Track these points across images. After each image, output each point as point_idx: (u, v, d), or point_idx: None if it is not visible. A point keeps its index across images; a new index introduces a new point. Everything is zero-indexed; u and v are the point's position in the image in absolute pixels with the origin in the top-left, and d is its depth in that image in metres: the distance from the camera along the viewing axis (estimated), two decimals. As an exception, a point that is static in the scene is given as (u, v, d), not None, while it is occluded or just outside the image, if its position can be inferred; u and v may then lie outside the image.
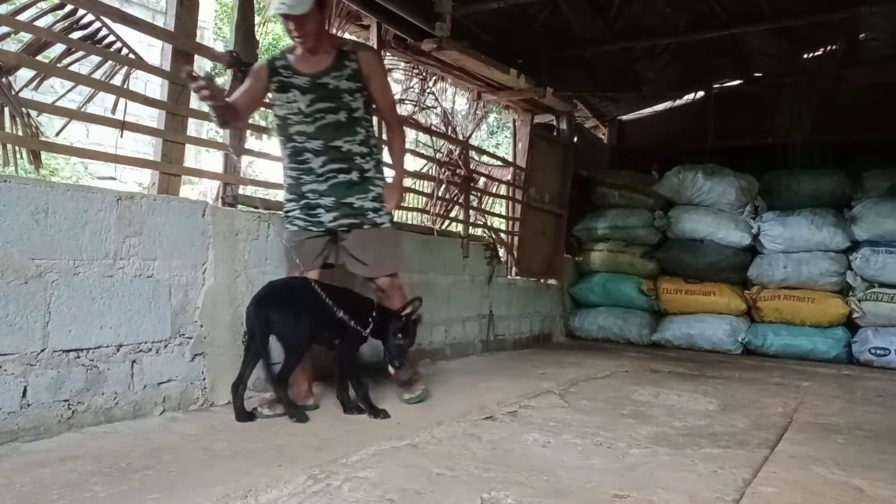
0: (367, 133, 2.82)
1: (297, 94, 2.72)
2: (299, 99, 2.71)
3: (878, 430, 2.91)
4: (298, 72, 2.73)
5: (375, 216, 2.85)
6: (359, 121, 2.78)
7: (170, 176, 2.92)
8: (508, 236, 5.94)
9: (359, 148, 2.78)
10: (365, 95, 2.80)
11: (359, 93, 2.76)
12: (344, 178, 2.78)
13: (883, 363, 5.33)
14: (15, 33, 2.51)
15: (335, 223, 2.82)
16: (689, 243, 6.26)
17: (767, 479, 2.08)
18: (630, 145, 7.91)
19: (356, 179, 2.80)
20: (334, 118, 2.72)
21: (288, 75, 2.73)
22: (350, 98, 2.74)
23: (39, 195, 2.22)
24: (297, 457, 2.10)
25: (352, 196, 2.80)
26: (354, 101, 2.75)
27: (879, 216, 5.54)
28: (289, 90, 2.73)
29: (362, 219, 2.83)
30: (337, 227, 2.82)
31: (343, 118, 2.73)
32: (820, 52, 6.49)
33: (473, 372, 4.15)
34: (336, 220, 2.81)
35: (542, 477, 2.01)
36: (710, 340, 5.94)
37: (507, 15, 5.30)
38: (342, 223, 2.82)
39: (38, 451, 2.06)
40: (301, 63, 2.74)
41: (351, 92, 2.74)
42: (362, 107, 2.79)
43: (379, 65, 2.94)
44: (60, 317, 2.28)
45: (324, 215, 2.81)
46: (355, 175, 2.79)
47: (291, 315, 2.56)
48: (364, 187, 2.82)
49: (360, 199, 2.81)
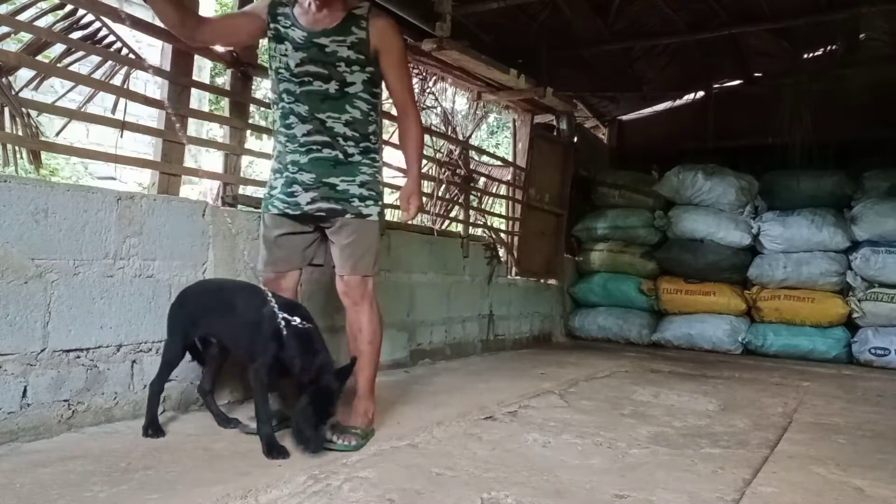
0: (362, 116, 2.38)
1: (290, 49, 2.34)
2: (290, 54, 2.34)
3: (878, 430, 2.91)
4: (298, 24, 2.35)
5: (362, 205, 2.39)
6: (351, 98, 2.35)
7: (170, 176, 2.92)
8: (508, 236, 5.94)
9: (344, 129, 2.35)
10: (368, 72, 2.37)
11: (358, 66, 2.34)
12: (328, 153, 2.35)
13: (883, 363, 5.33)
14: (15, 33, 2.51)
15: (312, 206, 2.37)
16: (689, 243, 6.26)
17: (767, 479, 2.08)
18: (630, 145, 7.91)
19: (342, 159, 2.37)
20: (322, 87, 2.32)
21: (286, 24, 2.36)
22: (346, 69, 2.33)
23: (39, 195, 2.22)
24: (297, 457, 2.09)
25: (335, 176, 2.36)
26: (350, 73, 2.33)
27: (879, 216, 5.55)
28: (283, 41, 2.36)
29: (345, 205, 2.37)
30: (314, 210, 2.38)
31: (333, 90, 2.33)
32: (820, 52, 6.48)
33: (473, 372, 4.15)
34: (313, 202, 2.37)
35: (542, 477, 2.01)
36: (710, 340, 5.95)
37: (507, 15, 5.30)
38: (320, 207, 2.37)
39: (38, 451, 2.06)
40: (304, 16, 2.36)
41: (349, 63, 2.33)
42: (361, 84, 2.36)
43: (395, 39, 2.41)
44: (60, 317, 2.28)
45: (301, 195, 2.37)
46: (340, 154, 2.37)
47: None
48: (351, 169, 2.38)
49: (345, 181, 2.36)
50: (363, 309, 2.45)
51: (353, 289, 2.43)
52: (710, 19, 5.68)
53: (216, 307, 2.33)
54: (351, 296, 2.45)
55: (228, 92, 3.26)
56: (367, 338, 2.44)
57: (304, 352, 2.10)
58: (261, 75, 3.59)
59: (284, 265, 2.49)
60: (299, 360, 2.09)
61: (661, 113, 7.75)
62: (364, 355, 2.42)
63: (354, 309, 2.46)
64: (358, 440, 2.26)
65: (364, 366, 2.43)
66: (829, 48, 6.36)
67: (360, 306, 2.45)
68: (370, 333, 2.45)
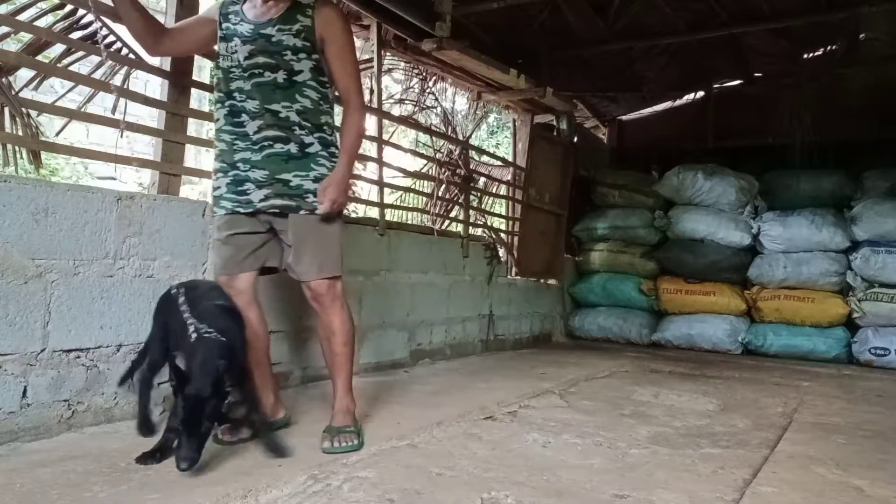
0: (312, 105, 2.32)
1: (238, 44, 2.31)
2: (239, 49, 2.30)
3: (878, 430, 2.91)
4: (245, 18, 2.34)
5: (315, 200, 2.30)
6: (300, 86, 2.30)
7: (170, 176, 2.92)
8: (508, 236, 5.94)
9: (297, 118, 2.29)
10: (314, 60, 2.32)
11: (305, 53, 2.30)
12: (281, 148, 2.28)
13: (883, 363, 5.32)
14: (15, 33, 2.51)
15: (266, 203, 2.29)
16: (689, 243, 6.26)
17: (767, 479, 2.08)
18: (630, 145, 7.91)
19: (295, 153, 2.30)
20: (271, 76, 2.28)
21: (235, 21, 2.35)
22: (293, 57, 2.29)
23: (39, 195, 2.22)
24: (297, 457, 2.09)
25: (288, 172, 2.28)
26: (298, 62, 2.29)
27: (879, 216, 5.55)
28: (232, 38, 2.33)
29: (299, 201, 2.29)
30: (268, 207, 2.30)
31: (281, 79, 2.28)
32: (820, 52, 6.48)
33: (473, 372, 4.15)
34: (267, 199, 2.29)
35: (542, 477, 2.01)
36: (710, 340, 5.95)
37: (507, 15, 5.30)
38: (274, 203, 2.29)
39: (38, 451, 2.06)
40: (251, 9, 2.35)
41: (295, 51, 2.29)
42: (308, 71, 2.31)
43: (338, 25, 2.35)
44: (60, 317, 2.28)
45: (253, 192, 2.30)
46: (294, 147, 2.30)
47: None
48: (305, 163, 2.31)
49: (298, 176, 2.29)
50: (335, 311, 2.38)
51: (322, 294, 2.35)
52: (710, 19, 5.68)
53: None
54: (320, 300, 2.36)
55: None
56: (341, 339, 2.39)
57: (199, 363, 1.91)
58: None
59: (235, 267, 2.36)
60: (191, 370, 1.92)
61: (661, 113, 7.75)
62: (340, 356, 2.39)
63: (325, 313, 2.39)
64: (358, 438, 2.26)
65: (341, 367, 2.40)
66: (829, 48, 6.36)
67: (331, 309, 2.37)
68: (344, 335, 2.39)
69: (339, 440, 2.23)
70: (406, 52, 4.84)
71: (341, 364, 2.40)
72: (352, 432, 2.28)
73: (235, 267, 2.36)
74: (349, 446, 2.21)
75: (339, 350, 2.39)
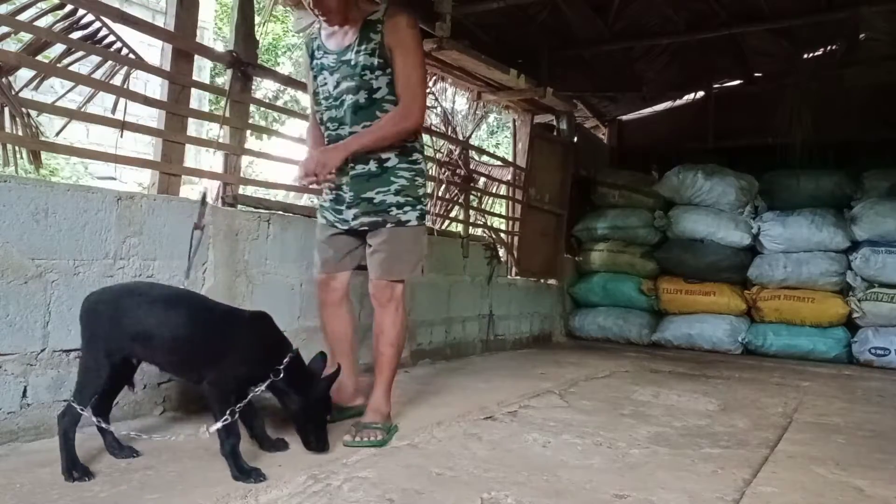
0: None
1: (327, 76, 2.42)
2: (328, 80, 2.42)
3: (878, 430, 2.91)
4: (328, 50, 2.44)
5: (400, 213, 2.43)
6: (379, 103, 2.37)
7: (170, 176, 2.92)
8: (508, 236, 5.94)
9: None
10: (389, 74, 2.36)
11: (380, 70, 2.35)
12: (362, 168, 2.40)
13: (883, 363, 5.33)
14: (15, 33, 2.51)
15: (356, 221, 2.46)
16: (689, 243, 6.26)
17: (767, 479, 2.08)
18: (630, 145, 7.91)
19: (375, 170, 2.40)
20: (353, 99, 2.37)
21: (321, 56, 2.45)
22: (371, 76, 2.34)
23: (39, 195, 2.22)
24: (297, 457, 2.09)
25: (371, 190, 2.41)
26: (376, 79, 2.35)
27: (879, 216, 5.55)
28: (321, 72, 2.45)
29: (384, 216, 2.43)
30: (358, 225, 2.47)
31: (362, 99, 2.36)
32: (820, 52, 6.48)
33: (473, 372, 4.15)
34: (357, 217, 2.46)
35: (542, 477, 2.01)
36: (710, 340, 5.95)
37: (507, 15, 5.30)
38: (363, 221, 2.45)
39: (38, 451, 2.06)
40: (330, 40, 2.44)
41: (372, 69, 2.34)
42: (385, 87, 2.37)
43: (405, 33, 2.36)
44: (60, 317, 2.28)
45: (346, 212, 2.47)
46: (374, 165, 2.40)
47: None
48: (385, 179, 2.41)
49: (381, 192, 2.40)
50: (388, 311, 2.49)
51: (380, 291, 2.48)
52: (710, 19, 5.68)
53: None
54: (377, 298, 2.50)
55: (228, 92, 3.26)
56: (389, 340, 2.49)
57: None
58: (261, 75, 3.59)
59: (333, 267, 2.58)
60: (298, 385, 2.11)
61: (661, 113, 7.75)
62: (384, 357, 2.49)
63: (380, 311, 2.51)
64: (382, 435, 2.30)
65: (384, 367, 2.49)
66: (829, 48, 6.36)
67: (385, 308, 2.49)
68: (392, 336, 2.49)
69: (361, 435, 2.27)
70: (406, 52, 4.83)
71: (383, 364, 2.49)
72: (378, 429, 2.32)
73: (333, 267, 2.59)
74: (369, 441, 2.25)
75: (384, 350, 2.49)
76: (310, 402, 2.09)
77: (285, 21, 11.12)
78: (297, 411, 2.10)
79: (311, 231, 3.41)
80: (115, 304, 1.93)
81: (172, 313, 1.96)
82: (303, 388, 2.07)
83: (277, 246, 3.20)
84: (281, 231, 3.23)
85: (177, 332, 1.94)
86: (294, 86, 4.44)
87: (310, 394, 2.08)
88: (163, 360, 2.05)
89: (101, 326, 1.90)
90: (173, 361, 2.04)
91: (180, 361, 2.02)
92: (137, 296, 1.98)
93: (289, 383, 2.03)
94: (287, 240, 3.26)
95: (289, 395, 2.07)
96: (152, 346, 1.94)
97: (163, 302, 1.99)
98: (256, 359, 2.01)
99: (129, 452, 2.04)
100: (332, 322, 2.65)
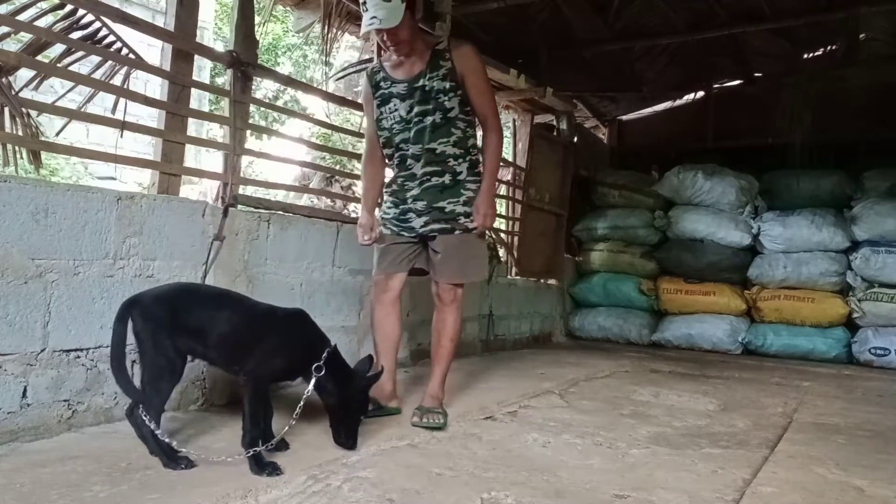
0: (462, 133, 2.70)
1: (398, 103, 2.67)
2: (399, 107, 2.67)
3: (878, 430, 2.91)
4: (396, 80, 2.67)
5: (467, 221, 2.70)
6: (453, 121, 2.66)
7: (170, 176, 2.92)
8: (508, 236, 5.94)
9: (452, 150, 2.66)
10: (460, 95, 2.66)
11: (453, 92, 2.64)
12: (437, 181, 2.67)
13: (883, 363, 5.33)
14: (15, 33, 2.51)
15: (426, 228, 2.70)
16: (689, 243, 6.27)
17: (767, 479, 2.08)
18: (630, 145, 7.92)
19: (448, 182, 2.68)
20: (430, 119, 2.63)
21: (387, 86, 2.69)
22: (445, 98, 2.63)
23: (39, 195, 2.22)
24: (297, 457, 2.09)
25: (443, 200, 2.68)
26: (449, 100, 2.63)
27: (879, 216, 5.55)
28: (390, 100, 2.69)
29: (453, 224, 2.69)
30: (428, 232, 2.71)
31: (438, 119, 2.63)
32: (820, 52, 6.49)
33: (473, 372, 4.15)
34: (426, 224, 2.70)
35: (542, 477, 2.01)
36: (710, 340, 5.95)
37: (507, 15, 5.30)
38: (432, 228, 2.70)
39: (38, 451, 2.06)
40: (397, 70, 2.69)
41: (445, 92, 2.62)
42: (457, 106, 2.66)
43: (475, 60, 2.68)
44: (60, 317, 2.27)
45: (415, 220, 2.71)
46: (448, 178, 2.68)
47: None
48: (456, 190, 2.69)
49: (451, 202, 2.68)
50: (451, 310, 2.76)
51: (447, 292, 2.75)
52: (710, 19, 5.69)
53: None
54: (443, 298, 2.76)
55: (228, 92, 3.26)
56: (450, 336, 2.77)
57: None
58: (261, 75, 3.59)
59: (392, 268, 2.79)
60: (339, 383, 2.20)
61: (661, 113, 7.76)
62: (443, 349, 2.78)
63: (443, 310, 2.76)
64: (443, 419, 2.60)
65: (442, 359, 2.78)
66: (829, 48, 6.37)
67: (449, 307, 2.76)
68: (453, 333, 2.78)
69: (428, 417, 2.57)
70: (406, 52, 4.83)
71: (443, 356, 2.79)
72: (439, 413, 2.63)
73: (392, 268, 2.79)
74: (436, 423, 2.55)
75: (445, 343, 2.78)
76: (347, 399, 2.18)
77: (285, 21, 11.12)
78: (334, 405, 2.19)
79: (311, 231, 3.43)
80: (173, 303, 2.07)
81: (222, 311, 2.12)
82: (341, 383, 2.17)
83: (277, 246, 3.20)
84: (281, 231, 3.23)
85: (226, 328, 2.09)
86: (294, 86, 4.44)
87: (348, 390, 2.18)
88: (213, 355, 2.17)
89: (166, 323, 2.02)
90: (221, 356, 2.16)
91: (227, 356, 2.14)
92: (190, 295, 2.18)
93: (327, 378, 2.13)
94: (287, 240, 3.26)
95: (327, 389, 2.15)
96: (205, 341, 2.08)
97: (212, 300, 2.18)
98: (293, 354, 2.14)
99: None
100: (384, 321, 2.83)
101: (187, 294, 2.18)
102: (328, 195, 7.13)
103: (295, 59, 13.06)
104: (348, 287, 3.69)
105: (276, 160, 3.85)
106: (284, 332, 2.16)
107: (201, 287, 2.38)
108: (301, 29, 4.50)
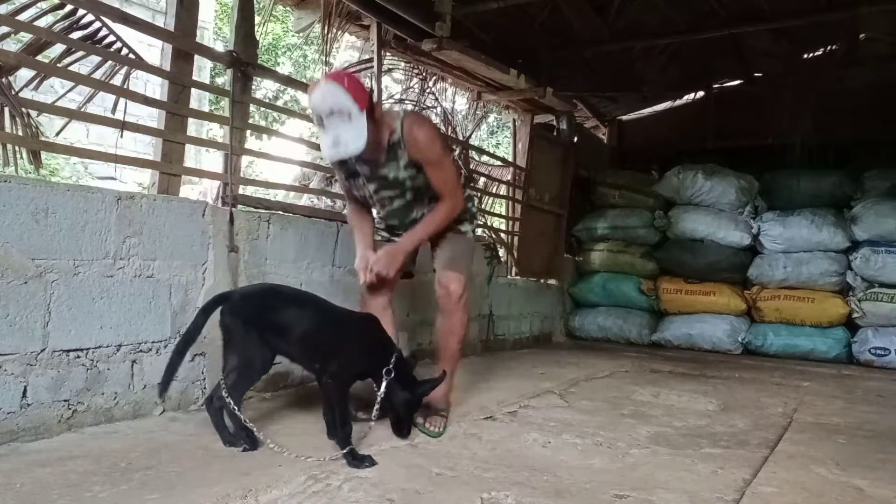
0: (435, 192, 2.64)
1: (364, 181, 2.65)
2: (366, 185, 2.65)
3: (878, 430, 2.91)
4: (360, 160, 2.55)
5: (459, 226, 2.76)
6: (424, 190, 2.62)
7: (170, 176, 2.92)
8: (508, 236, 5.94)
9: (430, 206, 2.66)
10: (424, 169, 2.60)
11: (415, 169, 2.56)
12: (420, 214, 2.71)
13: (883, 363, 5.33)
14: (15, 33, 2.51)
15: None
16: (689, 243, 6.26)
17: (767, 479, 2.08)
18: (630, 145, 7.91)
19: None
20: (402, 202, 2.65)
21: (353, 163, 2.60)
22: (411, 182, 2.59)
23: (39, 195, 2.22)
24: (297, 457, 2.09)
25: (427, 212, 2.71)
26: (414, 179, 2.58)
27: (879, 216, 5.55)
28: (357, 177, 2.65)
29: (444, 230, 2.71)
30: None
31: (409, 197, 2.63)
32: (820, 52, 6.49)
33: (473, 372, 4.14)
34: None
35: (542, 477, 2.01)
36: (710, 340, 5.95)
37: (507, 15, 5.29)
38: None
39: (38, 451, 2.06)
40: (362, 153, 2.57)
41: (411, 178, 2.58)
42: (422, 178, 2.59)
43: (426, 148, 2.53)
44: (60, 317, 2.28)
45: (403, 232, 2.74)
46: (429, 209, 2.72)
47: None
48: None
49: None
50: (458, 310, 2.70)
51: (449, 289, 2.67)
52: (709, 19, 5.68)
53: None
54: (450, 295, 2.68)
55: (228, 92, 3.26)
56: (458, 338, 2.74)
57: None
58: (261, 75, 3.59)
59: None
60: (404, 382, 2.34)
61: (661, 113, 7.76)
62: (452, 350, 2.75)
63: (450, 310, 2.71)
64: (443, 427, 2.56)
65: (450, 359, 2.75)
66: (829, 48, 6.37)
67: (455, 307, 2.70)
68: (461, 335, 2.75)
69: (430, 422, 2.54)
70: (406, 52, 4.84)
71: (452, 357, 2.76)
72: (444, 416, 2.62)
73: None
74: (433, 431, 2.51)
75: (454, 346, 2.75)
76: (414, 399, 2.32)
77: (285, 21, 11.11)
78: (401, 404, 2.30)
79: (311, 231, 3.43)
80: (261, 302, 2.25)
81: (305, 311, 2.27)
82: (407, 384, 2.29)
83: (277, 246, 3.20)
84: (281, 231, 3.23)
85: (309, 327, 2.23)
86: (294, 86, 4.44)
87: (415, 391, 2.31)
88: (295, 352, 2.30)
89: (254, 319, 2.17)
90: (302, 353, 2.29)
91: (308, 353, 2.27)
92: (275, 294, 2.33)
93: (397, 379, 2.25)
94: (287, 240, 3.26)
95: (396, 390, 2.26)
96: (289, 338, 2.22)
97: (295, 301, 2.32)
98: (370, 357, 2.26)
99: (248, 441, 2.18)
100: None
101: (273, 294, 2.34)
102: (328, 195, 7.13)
103: (295, 59, 13.05)
104: (348, 287, 3.68)
105: (276, 160, 3.85)
106: (362, 337, 2.31)
107: (284, 288, 2.49)
108: (301, 29, 4.49)
